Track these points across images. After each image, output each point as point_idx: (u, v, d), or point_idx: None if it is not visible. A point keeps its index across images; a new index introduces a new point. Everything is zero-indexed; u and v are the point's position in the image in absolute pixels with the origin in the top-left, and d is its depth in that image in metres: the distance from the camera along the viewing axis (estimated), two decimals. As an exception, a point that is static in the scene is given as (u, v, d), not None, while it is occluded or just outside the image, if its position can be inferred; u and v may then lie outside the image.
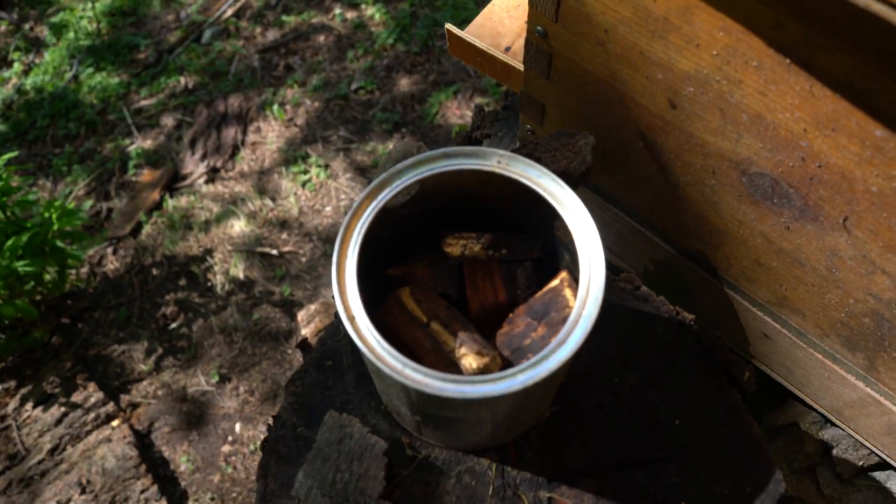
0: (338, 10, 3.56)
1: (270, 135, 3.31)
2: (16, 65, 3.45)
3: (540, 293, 0.94)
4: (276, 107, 3.34)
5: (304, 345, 1.11)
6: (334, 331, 1.11)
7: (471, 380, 0.77)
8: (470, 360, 0.88)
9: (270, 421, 1.04)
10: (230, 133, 3.33)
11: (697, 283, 1.33)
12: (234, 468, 2.66)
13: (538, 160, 1.07)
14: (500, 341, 0.94)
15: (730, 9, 0.89)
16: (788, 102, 0.92)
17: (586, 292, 0.81)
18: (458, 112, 3.24)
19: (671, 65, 1.00)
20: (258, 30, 3.56)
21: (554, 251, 0.99)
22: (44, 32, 3.59)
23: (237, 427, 2.73)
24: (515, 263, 1.00)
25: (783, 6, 0.82)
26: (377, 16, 3.50)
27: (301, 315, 3.17)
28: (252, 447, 2.69)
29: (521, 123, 1.36)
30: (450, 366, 0.89)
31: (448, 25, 1.48)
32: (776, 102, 0.94)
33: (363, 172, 3.13)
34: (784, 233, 1.09)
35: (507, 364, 0.92)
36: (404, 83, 3.37)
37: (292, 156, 3.23)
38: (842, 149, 0.92)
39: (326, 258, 3.04)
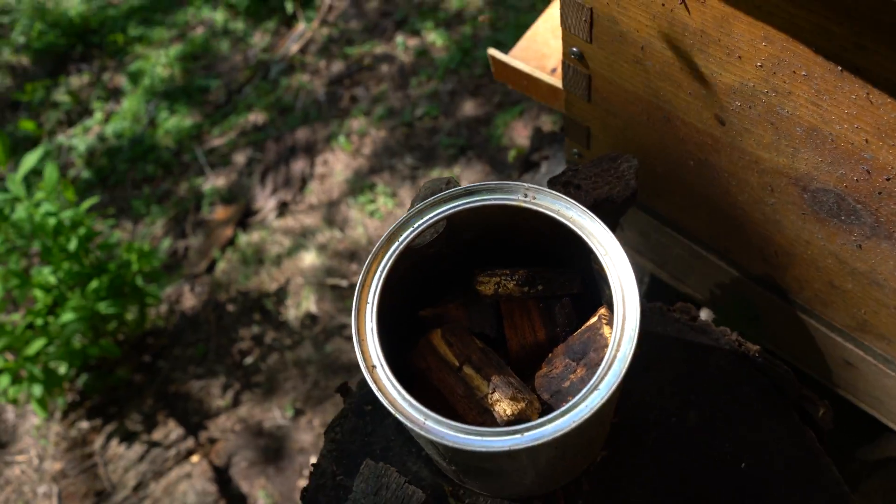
0: (399, 39, 3.58)
1: (337, 166, 3.34)
2: (97, 114, 3.62)
3: (578, 332, 0.87)
4: (342, 138, 3.37)
5: (343, 389, 1.08)
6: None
7: (496, 431, 0.71)
8: (504, 407, 0.83)
9: (310, 469, 1.01)
10: (298, 166, 3.38)
11: (768, 307, 1.23)
12: (311, 502, 2.66)
13: (578, 188, 1.01)
14: (539, 384, 0.88)
15: (769, 17, 0.81)
16: (845, 112, 0.84)
17: (620, 332, 0.75)
18: (524, 133, 3.19)
19: (714, 79, 0.93)
20: (322, 63, 3.62)
21: (594, 285, 0.93)
22: (122, 81, 3.75)
23: (313, 460, 2.74)
24: (553, 299, 0.94)
25: (825, 9, 0.75)
26: (438, 41, 3.50)
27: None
28: (327, 480, 2.68)
29: (566, 147, 1.30)
30: (483, 413, 0.84)
31: (491, 51, 1.45)
32: (831, 113, 0.85)
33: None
34: (856, 252, 0.99)
35: (546, 409, 0.86)
36: (468, 107, 3.35)
37: (359, 186, 3.25)
38: (911, 159, 0.82)
39: (396, 287, 3.03)
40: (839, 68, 0.80)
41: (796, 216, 1.02)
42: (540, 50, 1.45)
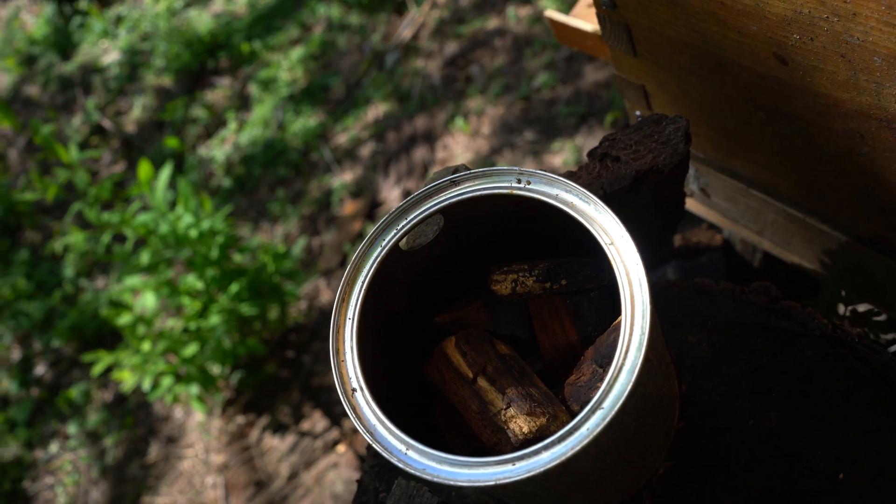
0: (511, 10, 3.44)
1: (457, 149, 3.28)
2: (231, 124, 3.79)
3: (605, 333, 0.75)
4: (460, 120, 3.30)
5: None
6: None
7: (483, 462, 0.61)
8: (520, 424, 0.72)
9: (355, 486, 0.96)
10: (419, 153, 3.36)
11: (889, 275, 1.01)
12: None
13: (617, 160, 0.87)
14: (569, 393, 0.76)
15: (811, -80, 0.64)
16: (929, 29, 0.64)
17: (628, 338, 0.62)
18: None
19: (762, 10, 0.76)
20: (436, 46, 3.56)
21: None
22: (251, 90, 3.90)
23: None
24: (581, 294, 0.81)
25: None
26: (551, 5, 3.32)
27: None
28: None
29: (629, 110, 1.14)
30: (497, 432, 0.73)
31: (548, 13, 1.31)
32: (912, 32, 0.66)
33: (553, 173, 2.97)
34: (980, 205, 0.78)
35: (576, 422, 0.74)
36: (587, 71, 3.15)
37: (480, 167, 3.17)
38: None
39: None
40: (905, -25, 0.61)
41: (898, 165, 0.82)
42: (604, 3, 1.29)
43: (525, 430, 0.72)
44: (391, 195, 3.35)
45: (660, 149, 0.86)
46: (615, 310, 0.80)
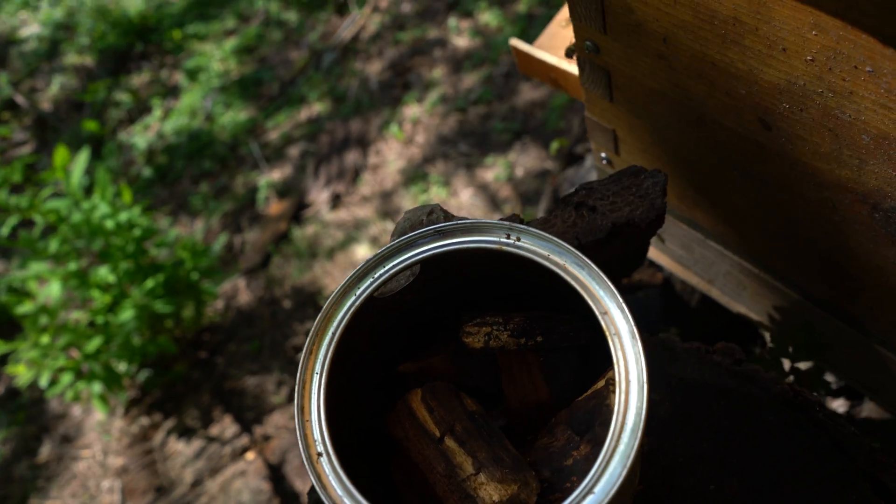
0: (452, 22, 3.41)
1: (391, 156, 3.23)
2: (156, 111, 3.61)
3: (583, 397, 0.72)
4: (395, 127, 3.25)
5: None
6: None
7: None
8: (489, 491, 0.69)
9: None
10: (351, 157, 3.29)
11: (837, 336, 1.03)
12: None
13: (593, 210, 0.85)
14: (539, 457, 0.73)
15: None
16: (924, 117, 0.65)
17: (622, 419, 0.59)
18: (578, 116, 2.99)
19: (754, 77, 0.75)
20: (375, 50, 3.49)
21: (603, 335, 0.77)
22: (180, 77, 3.73)
23: (368, 461, 2.66)
24: (556, 352, 0.79)
25: (893, -11, 0.56)
26: (493, 22, 3.31)
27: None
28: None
29: (594, 152, 1.13)
30: (464, 499, 0.70)
31: (513, 41, 1.28)
32: (906, 118, 0.66)
33: (484, 188, 2.97)
34: (943, 283, 0.79)
35: (546, 488, 0.71)
36: (524, 90, 3.16)
37: (412, 175, 3.13)
38: None
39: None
40: (912, 64, 0.61)
41: (866, 238, 0.83)
42: (569, 37, 1.27)
43: (496, 498, 0.68)
44: (320, 197, 3.27)
45: (637, 202, 0.84)
46: (591, 373, 0.77)
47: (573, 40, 1.25)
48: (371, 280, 0.69)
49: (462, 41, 3.36)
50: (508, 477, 0.69)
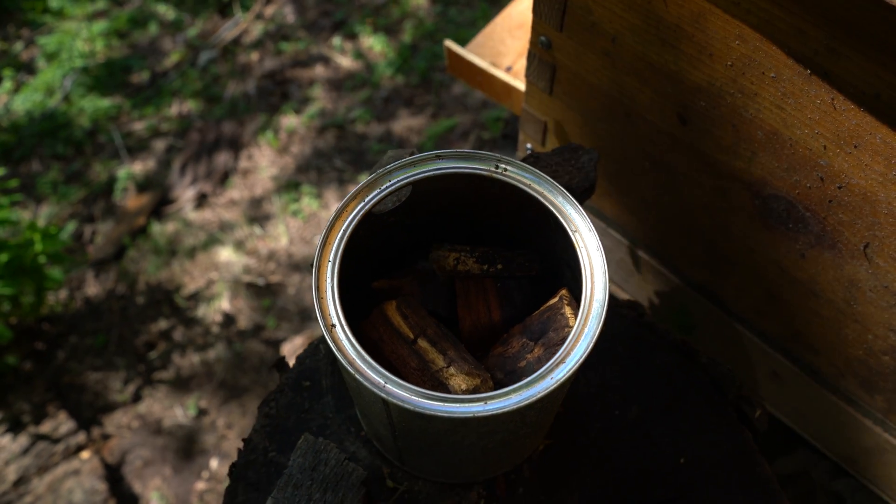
0: (337, 41, 3.53)
1: (263, 162, 3.25)
2: (6, 83, 3.40)
3: (537, 312, 0.86)
4: (269, 134, 3.29)
5: (280, 364, 1.03)
6: (314, 350, 1.03)
7: (459, 398, 0.69)
8: (458, 382, 0.80)
9: (241, 445, 0.95)
10: (222, 159, 3.27)
11: (705, 316, 1.25)
12: (208, 506, 2.53)
13: (538, 174, 1.00)
14: (493, 363, 0.86)
15: (747, 15, 0.83)
16: (807, 117, 0.86)
17: (588, 308, 0.74)
18: (455, 145, 3.19)
19: (682, 77, 0.95)
20: (255, 56, 3.53)
21: (553, 269, 0.92)
22: (37, 52, 3.55)
23: (213, 463, 2.61)
24: (511, 280, 0.92)
25: (804, 11, 0.77)
26: (377, 47, 3.47)
27: (286, 348, 3.06)
28: (227, 484, 2.57)
29: (520, 143, 1.30)
30: (437, 387, 0.81)
31: (448, 42, 1.44)
32: (794, 117, 0.88)
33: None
34: (799, 261, 1.02)
35: (499, 387, 0.83)
36: (402, 115, 3.33)
37: (284, 184, 3.17)
38: (864, 168, 0.85)
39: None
40: (808, 71, 0.82)
41: (745, 222, 1.04)
42: (496, 47, 1.45)
43: (464, 387, 0.80)
44: (184, 195, 3.22)
45: (574, 172, 1.01)
46: (539, 300, 0.92)
47: (501, 50, 1.43)
48: (378, 191, 0.79)
49: (345, 61, 3.49)
50: (474, 372, 0.81)
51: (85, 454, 2.66)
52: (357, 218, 0.78)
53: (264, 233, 3.09)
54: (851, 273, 0.96)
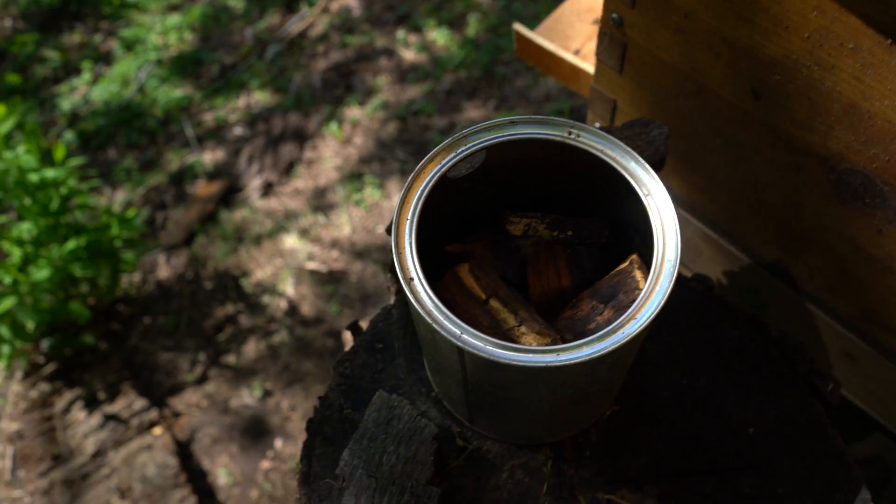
0: (401, 34, 3.59)
1: (327, 153, 3.33)
2: (85, 74, 3.55)
3: (607, 276, 0.88)
4: (334, 125, 3.36)
5: (354, 326, 1.07)
6: (387, 314, 1.06)
7: (533, 349, 0.71)
8: (530, 340, 0.83)
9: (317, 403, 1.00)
10: (287, 149, 3.36)
11: (775, 296, 1.25)
12: (273, 485, 2.60)
13: (609, 147, 1.02)
14: (563, 325, 0.88)
15: (826, -17, 0.83)
16: (888, 88, 0.86)
17: (660, 267, 0.75)
18: (516, 138, 3.21)
19: (757, 51, 0.95)
20: (321, 49, 3.61)
21: (622, 237, 0.94)
22: (114, 45, 3.70)
23: (278, 443, 2.69)
24: (581, 246, 0.94)
25: (889, -27, 0.77)
26: (440, 40, 3.51)
27: (347, 334, 3.13)
28: (292, 464, 2.63)
29: (589, 122, 1.31)
30: (511, 342, 0.83)
31: (516, 25, 1.46)
32: (873, 89, 0.87)
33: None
34: (875, 237, 1.01)
35: (570, 350, 0.85)
36: (465, 107, 3.36)
37: (347, 174, 3.23)
38: (946, 138, 0.84)
39: (376, 278, 3.01)
40: (889, 41, 0.82)
41: (819, 198, 1.04)
42: (564, 31, 1.46)
43: (535, 346, 0.82)
44: (252, 184, 3.31)
45: (644, 146, 1.02)
46: (608, 267, 0.93)
47: (569, 34, 1.44)
48: (454, 154, 0.82)
49: (408, 54, 3.54)
50: (545, 331, 0.83)
51: (157, 430, 2.77)
52: (433, 180, 0.81)
53: (328, 221, 3.16)
54: (929, 248, 0.95)
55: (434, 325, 0.72)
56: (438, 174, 0.82)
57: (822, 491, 0.92)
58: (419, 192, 0.81)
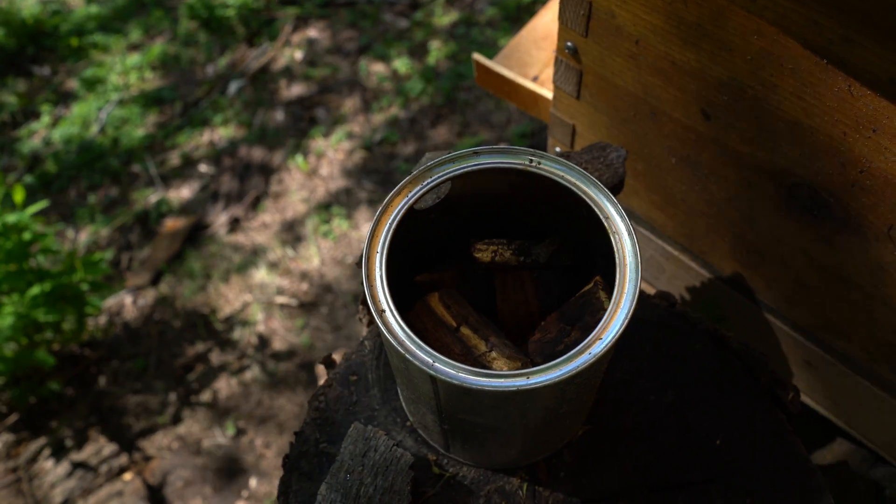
0: (363, 64, 3.63)
1: (293, 185, 3.33)
2: (44, 117, 3.53)
3: (573, 298, 0.90)
4: (299, 158, 3.37)
5: (328, 361, 1.08)
6: (360, 346, 1.08)
7: (503, 374, 0.73)
8: (500, 365, 0.85)
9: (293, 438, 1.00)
10: (253, 184, 3.36)
11: (735, 309, 1.28)
12: (248, 523, 2.57)
13: (569, 172, 1.05)
14: (533, 349, 0.90)
15: (763, 10, 0.88)
16: (826, 105, 0.90)
17: (622, 287, 0.78)
18: (479, 164, 3.24)
19: (704, 73, 0.99)
20: (284, 82, 3.63)
21: (587, 261, 0.96)
22: (74, 86, 3.68)
23: (252, 482, 2.66)
24: (548, 272, 0.97)
25: (818, 3, 0.81)
26: (402, 69, 3.56)
27: (320, 367, 3.11)
28: (268, 503, 2.60)
29: (549, 147, 1.34)
30: (482, 368, 0.85)
31: (475, 55, 1.49)
32: (813, 106, 0.92)
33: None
34: (825, 248, 1.05)
35: (539, 373, 0.87)
36: (429, 134, 3.40)
37: (315, 206, 3.24)
38: (884, 151, 0.89)
39: (347, 309, 3.01)
40: (825, 61, 0.86)
41: (771, 212, 1.08)
42: (522, 58, 1.50)
43: (505, 370, 0.84)
44: (218, 220, 3.30)
45: (603, 169, 1.06)
46: (573, 289, 0.96)
47: (527, 61, 1.48)
48: (420, 187, 0.85)
49: (371, 83, 3.57)
50: (515, 356, 0.85)
51: (127, 476, 2.72)
52: (401, 212, 0.83)
53: (296, 254, 3.16)
54: (877, 256, 0.99)
55: (406, 356, 0.73)
56: (406, 206, 0.84)
57: (789, 499, 0.95)
58: (388, 224, 0.83)
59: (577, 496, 0.95)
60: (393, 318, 0.76)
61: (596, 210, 0.83)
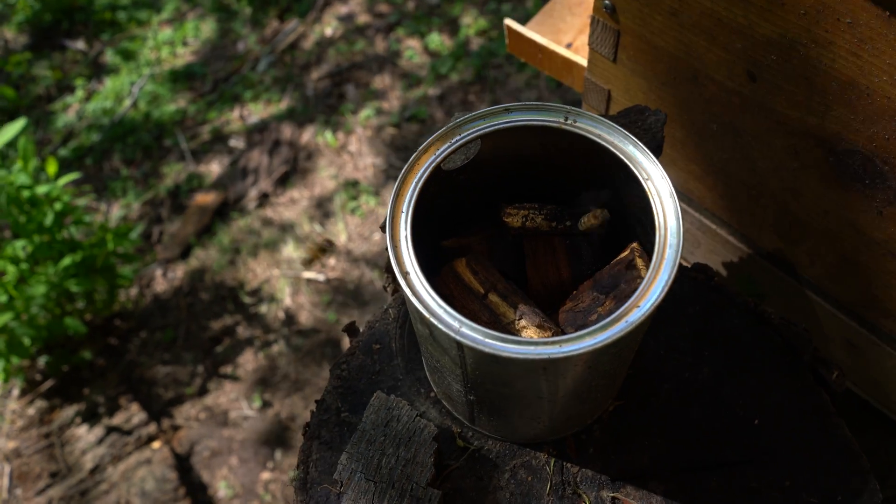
0: (393, 41, 3.58)
1: (322, 162, 3.31)
2: (78, 91, 3.54)
3: (608, 266, 0.86)
4: (328, 134, 3.35)
5: (351, 328, 1.05)
6: (383, 314, 1.04)
7: (534, 341, 0.69)
8: (530, 334, 0.81)
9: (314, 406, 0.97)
10: (282, 160, 3.34)
11: (775, 286, 1.23)
12: (273, 496, 2.58)
13: (604, 136, 1.00)
14: (564, 318, 0.86)
15: (820, -41, 0.82)
16: (886, 63, 0.84)
17: (661, 254, 0.73)
18: (510, 141, 3.19)
19: (752, 31, 0.93)
20: (314, 59, 3.60)
21: (622, 226, 0.92)
22: (107, 61, 3.69)
23: (277, 454, 2.66)
24: (580, 237, 0.92)
25: (883, -55, 0.75)
26: (431, 45, 3.51)
27: (346, 338, 3.09)
28: (292, 474, 2.61)
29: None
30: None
31: (507, 21, 1.44)
32: (871, 64, 0.85)
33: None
34: (876, 220, 0.99)
35: (570, 343, 0.83)
36: (457, 111, 3.35)
37: (342, 183, 3.22)
38: (947, 114, 0.83)
39: (373, 285, 2.99)
40: (887, 13, 0.80)
41: (818, 182, 1.02)
42: (556, 25, 1.45)
43: (535, 339, 0.80)
44: (248, 195, 3.30)
45: (641, 134, 1.00)
46: (608, 258, 0.91)
47: (561, 27, 1.43)
48: (449, 144, 0.81)
49: (401, 60, 3.53)
50: (545, 324, 0.81)
51: (156, 444, 2.75)
52: (428, 171, 0.80)
53: (324, 230, 3.14)
54: (933, 229, 0.93)
55: (432, 320, 0.70)
56: (433, 165, 0.80)
57: (831, 482, 0.90)
58: (413, 184, 0.79)
59: (605, 473, 0.91)
60: (418, 281, 0.73)
61: (635, 171, 0.78)
